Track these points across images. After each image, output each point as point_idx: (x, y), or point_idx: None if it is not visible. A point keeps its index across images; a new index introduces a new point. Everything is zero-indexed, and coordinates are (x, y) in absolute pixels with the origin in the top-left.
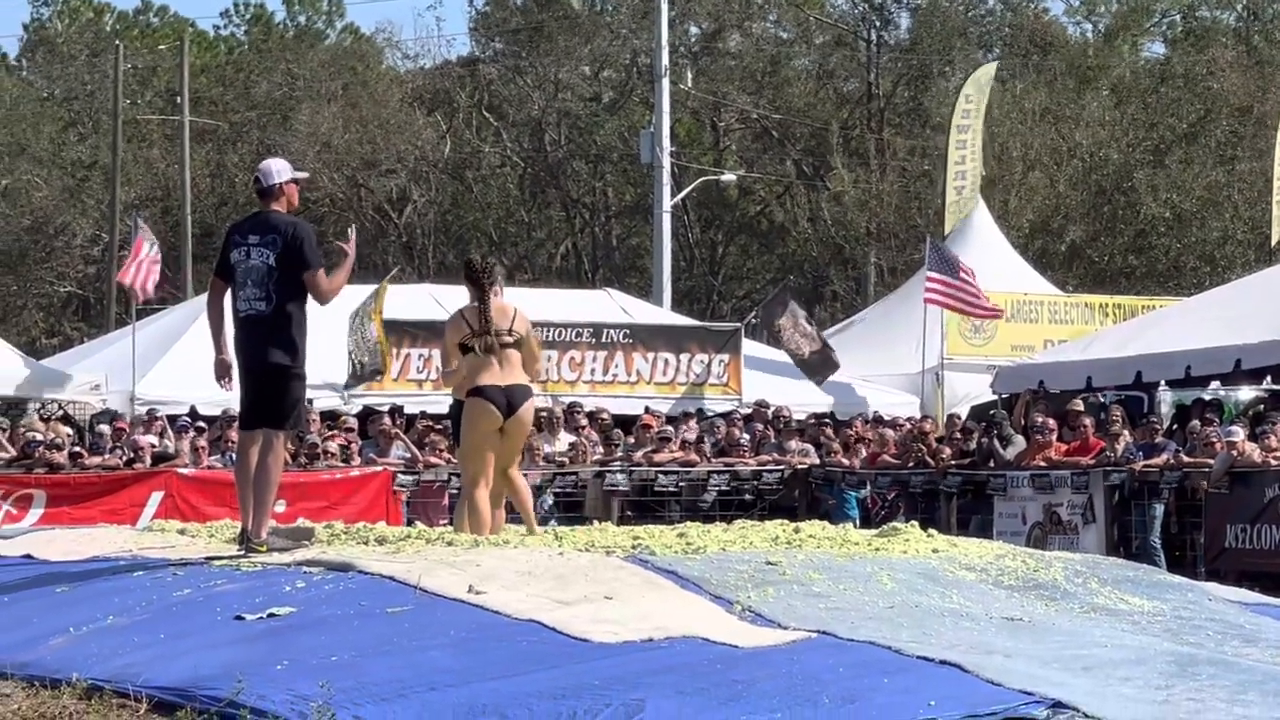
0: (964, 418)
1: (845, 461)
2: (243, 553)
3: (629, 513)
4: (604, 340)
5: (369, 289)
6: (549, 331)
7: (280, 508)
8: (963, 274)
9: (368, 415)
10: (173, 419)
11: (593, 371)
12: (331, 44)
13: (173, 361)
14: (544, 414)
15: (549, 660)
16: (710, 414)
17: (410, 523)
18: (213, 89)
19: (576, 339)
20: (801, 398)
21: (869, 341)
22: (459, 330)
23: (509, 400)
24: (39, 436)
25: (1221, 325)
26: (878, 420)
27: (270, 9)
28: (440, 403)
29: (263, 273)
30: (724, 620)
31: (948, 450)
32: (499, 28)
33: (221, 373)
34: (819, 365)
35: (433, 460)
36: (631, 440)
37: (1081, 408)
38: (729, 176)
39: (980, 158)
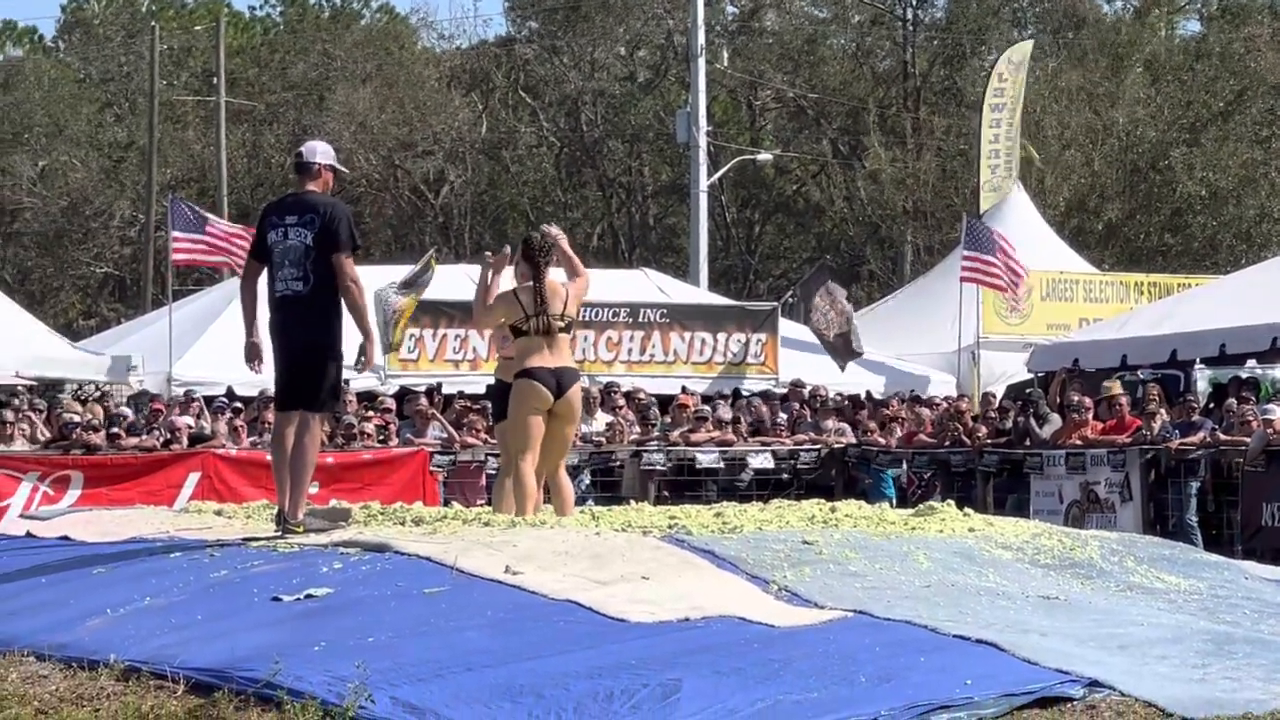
0: (999, 396)
1: (881, 441)
2: (279, 534)
3: (665, 493)
4: (641, 320)
5: (402, 269)
6: (586, 312)
7: (314, 489)
8: (1000, 251)
9: (404, 395)
10: (209, 400)
11: (629, 351)
12: (367, 24)
13: (209, 342)
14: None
15: (586, 640)
16: (747, 393)
17: (447, 503)
18: (248, 70)
19: (613, 319)
20: (838, 377)
21: (905, 320)
22: (512, 310)
23: (559, 382)
24: (76, 418)
25: (1258, 303)
26: (914, 399)
27: None
28: (477, 383)
29: (300, 253)
30: (760, 600)
31: (984, 429)
32: (535, 7)
33: (252, 355)
34: (841, 349)
35: (470, 440)
36: (668, 420)
37: (1116, 390)
38: (765, 156)
39: (1016, 137)
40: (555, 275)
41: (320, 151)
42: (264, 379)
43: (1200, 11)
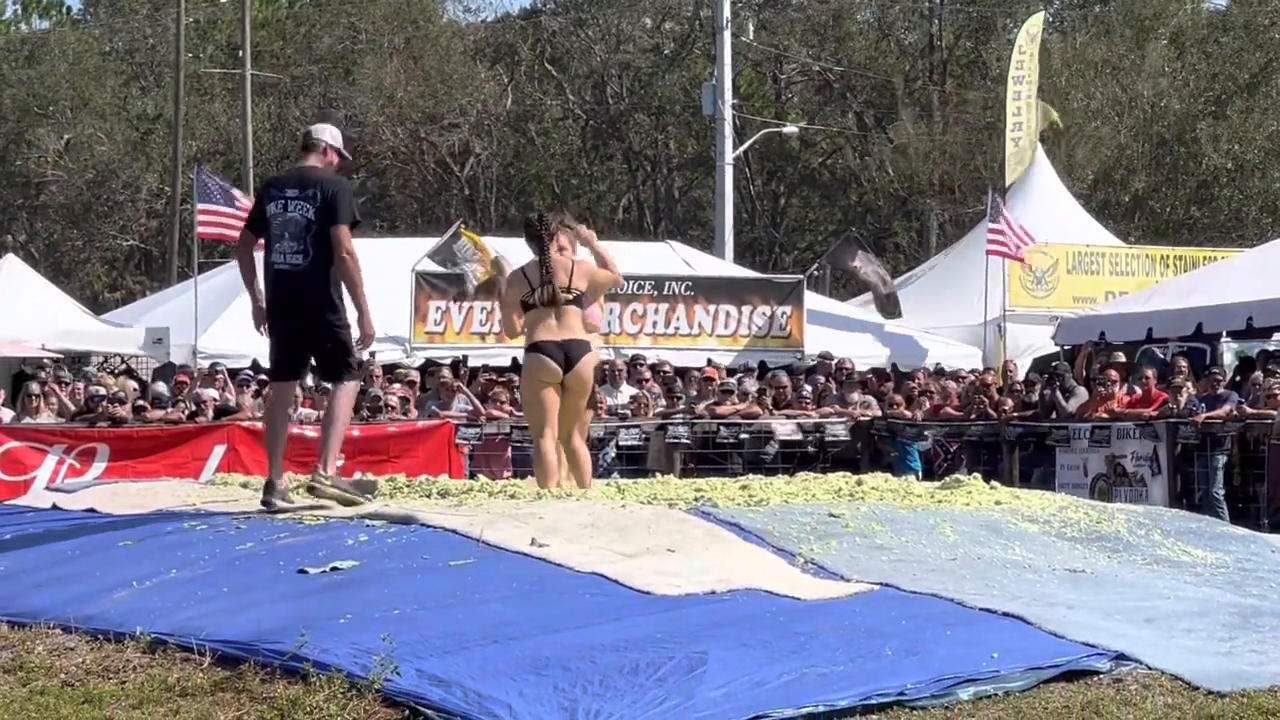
0: (1022, 368)
1: (907, 414)
2: (267, 504)
3: (691, 465)
4: (666, 293)
5: (429, 241)
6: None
7: (341, 461)
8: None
9: (429, 368)
10: (234, 373)
11: (654, 324)
12: None
13: (234, 315)
14: (606, 367)
15: (612, 613)
16: (772, 366)
17: (472, 476)
18: (274, 43)
19: (639, 291)
20: (863, 349)
21: (931, 293)
22: (520, 287)
23: (566, 355)
24: (102, 390)
25: None
26: (939, 372)
27: None
28: (503, 355)
29: (301, 226)
30: (786, 572)
31: (1010, 402)
32: None
33: (260, 319)
34: (890, 304)
35: (495, 413)
36: (694, 393)
37: (1123, 359)
38: (791, 129)
39: (1034, 108)
40: (582, 256)
41: (329, 133)
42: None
43: None
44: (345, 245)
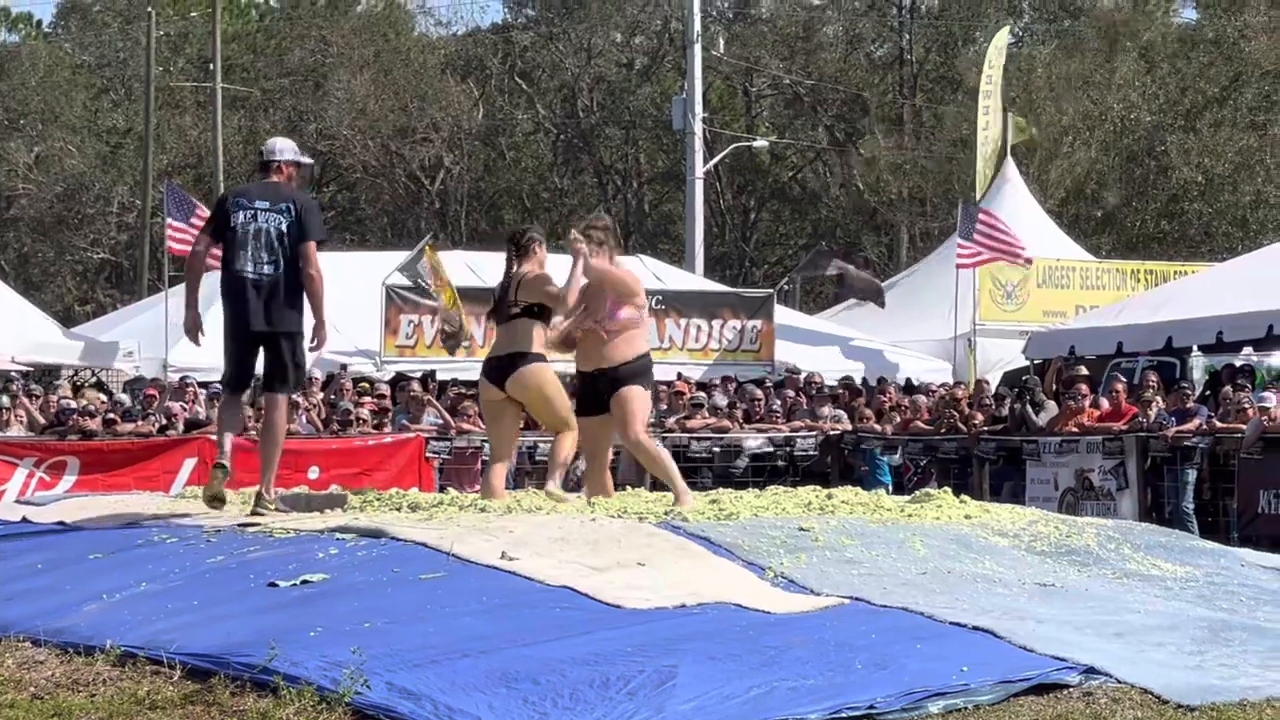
0: (994, 383)
1: (878, 428)
2: (253, 514)
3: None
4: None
5: (400, 255)
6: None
7: (313, 474)
8: (995, 227)
9: (400, 381)
10: (205, 385)
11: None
12: (363, 10)
13: (205, 329)
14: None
15: (582, 626)
16: (743, 380)
17: (443, 489)
18: (244, 56)
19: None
20: (833, 364)
21: (901, 308)
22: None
23: (497, 369)
24: (72, 403)
25: (1254, 290)
26: (909, 386)
27: None
28: (473, 369)
29: (274, 237)
30: (757, 586)
31: (980, 416)
32: None
33: (196, 328)
34: (877, 292)
35: (465, 427)
36: (664, 406)
37: (1085, 372)
38: (761, 143)
39: (1011, 123)
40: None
41: (280, 149)
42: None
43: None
44: (314, 262)
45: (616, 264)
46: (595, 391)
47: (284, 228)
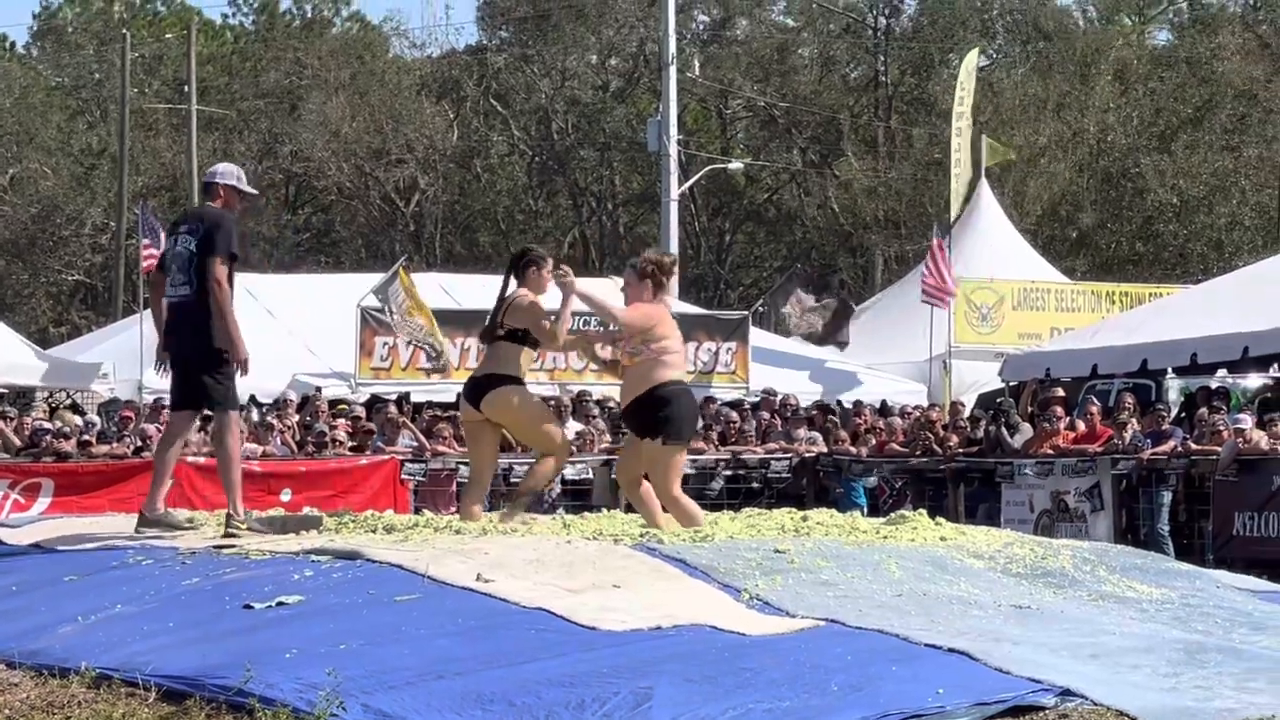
0: (969, 406)
1: (853, 450)
2: (225, 535)
3: None
4: (612, 328)
5: (375, 277)
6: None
7: (286, 496)
8: (933, 261)
9: (375, 404)
10: None
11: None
12: (339, 32)
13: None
14: (552, 402)
15: (557, 648)
16: (717, 402)
17: (418, 511)
18: (219, 78)
19: (584, 327)
20: (808, 386)
21: (876, 329)
22: None
23: (473, 389)
24: (47, 425)
25: (1229, 313)
26: (884, 409)
27: None
28: (448, 392)
29: (185, 259)
30: (732, 608)
31: (955, 438)
32: (506, 16)
33: (160, 359)
34: (832, 332)
35: (440, 449)
36: None
37: (1061, 393)
38: (736, 165)
39: (984, 144)
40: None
41: (221, 173)
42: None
43: (1171, 21)
44: (215, 274)
45: (659, 300)
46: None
47: (193, 248)
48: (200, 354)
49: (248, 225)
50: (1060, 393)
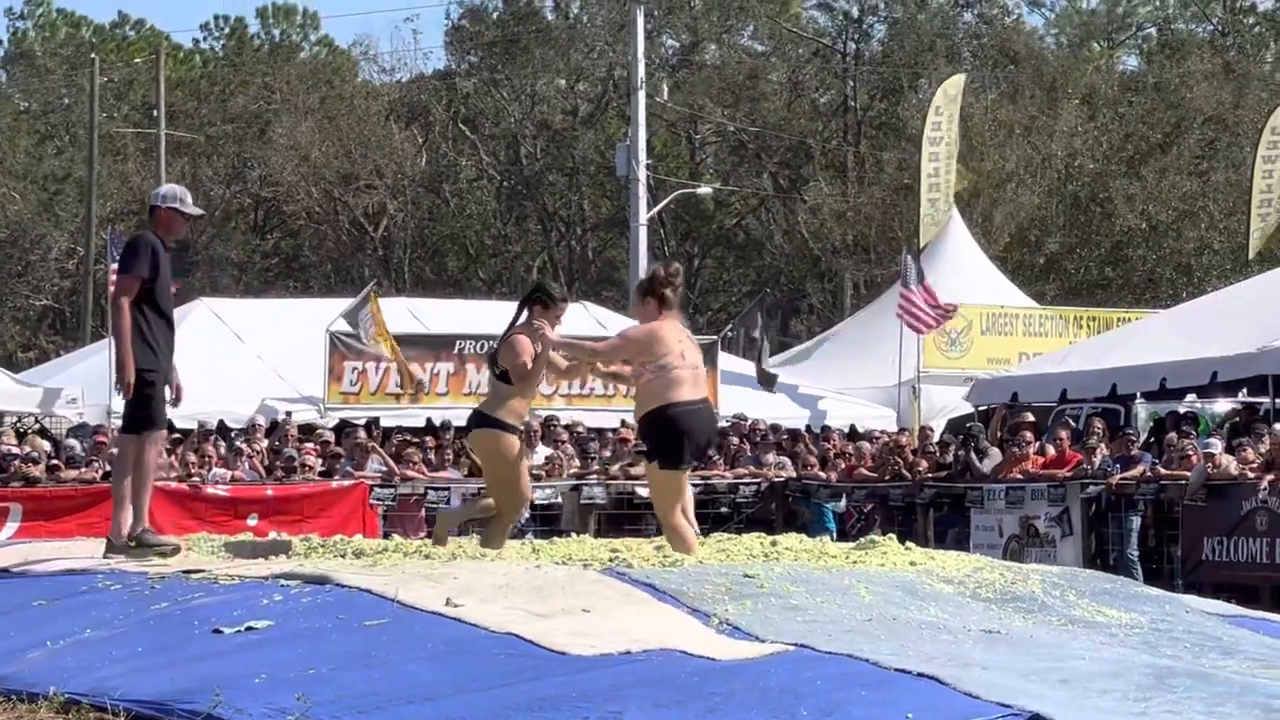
0: (938, 430)
1: (822, 475)
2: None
3: (606, 525)
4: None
5: (344, 302)
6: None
7: (253, 521)
8: (923, 290)
9: (343, 428)
10: None
11: (569, 385)
12: (307, 57)
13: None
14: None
15: (526, 673)
16: None
17: (387, 536)
18: (188, 103)
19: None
20: (777, 411)
21: (845, 354)
22: None
23: (468, 421)
24: (14, 450)
25: (1197, 338)
26: (854, 433)
27: (247, 23)
28: (417, 417)
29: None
30: (701, 633)
31: (924, 463)
32: (475, 41)
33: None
34: (767, 378)
35: (409, 474)
36: (608, 453)
37: (1032, 418)
38: (705, 190)
39: (952, 169)
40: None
41: (162, 195)
42: (201, 411)
43: (1140, 47)
44: (117, 291)
45: (665, 316)
46: None
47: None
48: (119, 378)
49: (215, 250)
50: (1030, 417)
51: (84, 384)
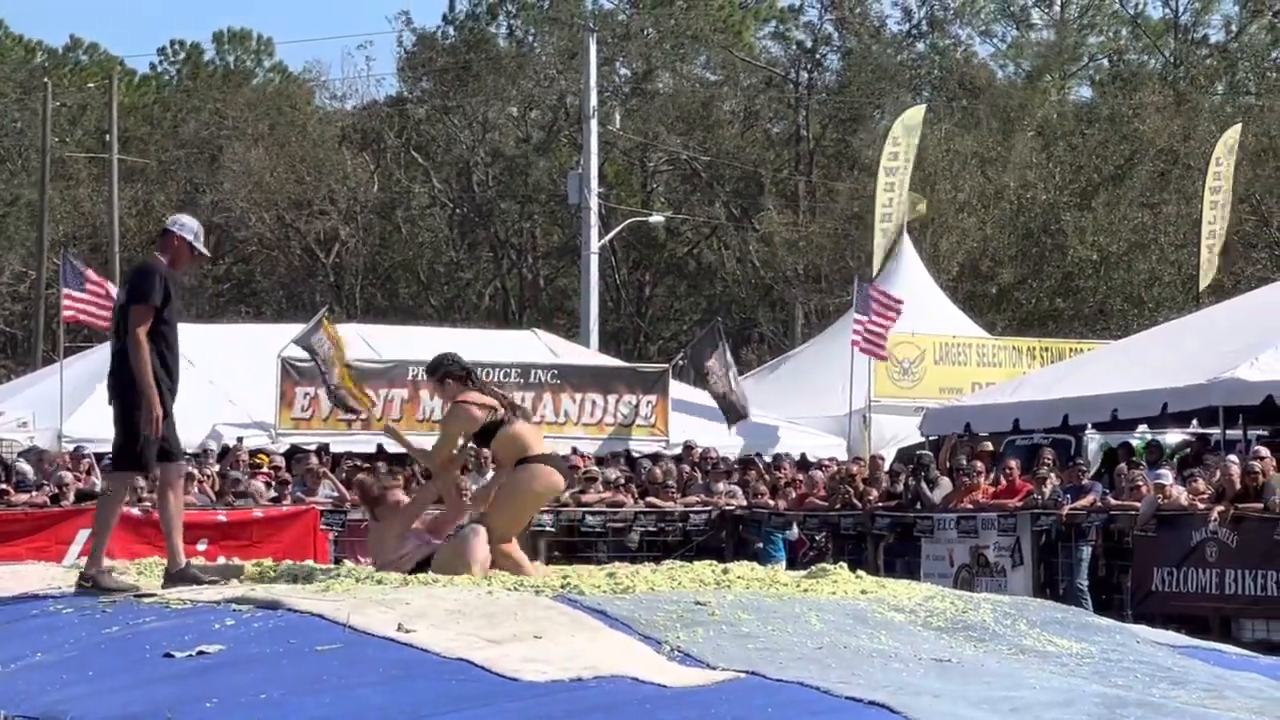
0: (889, 459)
1: (772, 503)
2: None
3: (556, 553)
4: (531, 381)
5: (296, 328)
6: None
7: (202, 545)
8: (874, 311)
9: (295, 454)
10: (100, 456)
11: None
12: (260, 83)
13: (100, 399)
14: (471, 452)
15: (478, 698)
16: (637, 455)
17: (338, 561)
18: (140, 128)
19: (504, 379)
20: (728, 439)
21: (796, 383)
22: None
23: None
24: None
25: (1149, 369)
26: (804, 462)
27: (202, 48)
28: (368, 443)
29: (118, 313)
30: (653, 660)
31: (875, 492)
32: (427, 68)
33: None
34: (731, 410)
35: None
36: None
37: (990, 447)
38: (657, 218)
39: (906, 200)
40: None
41: (181, 224)
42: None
43: (1091, 78)
44: (131, 325)
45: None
46: None
47: (123, 299)
48: (118, 409)
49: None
50: (989, 446)
51: (34, 408)
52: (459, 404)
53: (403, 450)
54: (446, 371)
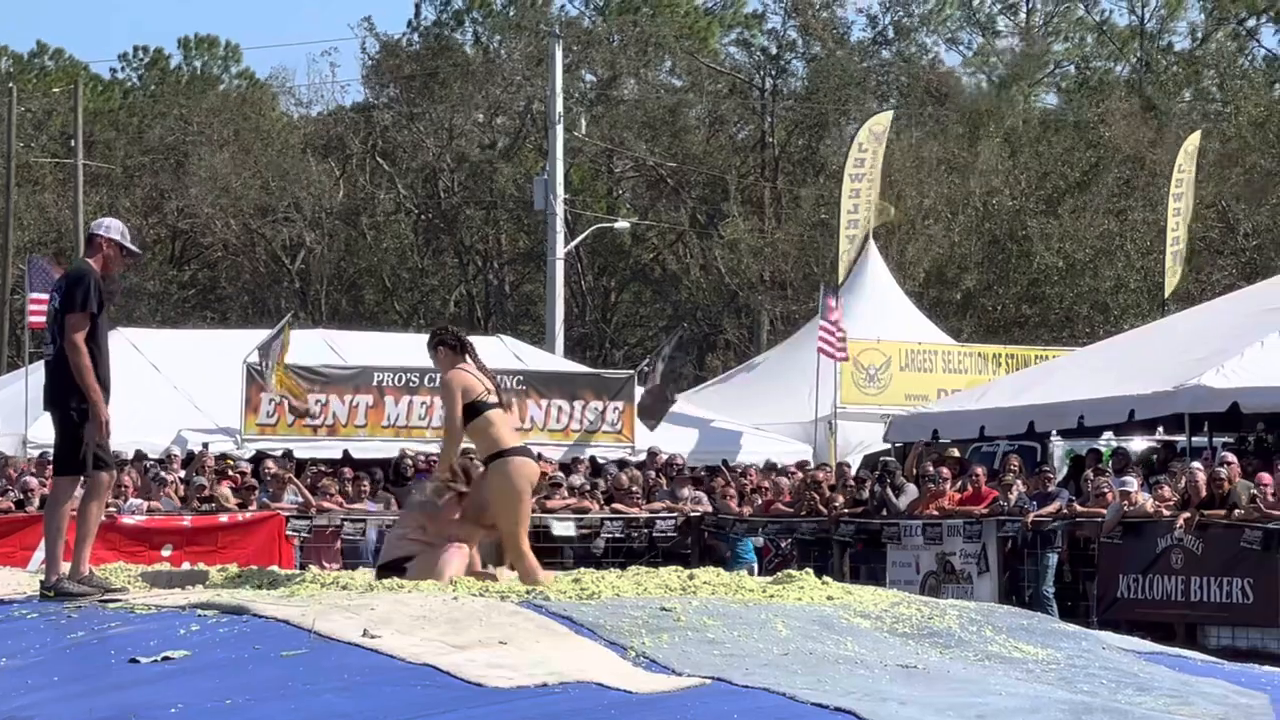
0: (855, 466)
1: (737, 509)
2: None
3: None
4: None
5: (261, 334)
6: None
7: (166, 551)
8: (827, 317)
9: (260, 459)
10: None
11: None
12: (225, 89)
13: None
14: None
15: (443, 704)
16: (603, 461)
17: (303, 567)
18: (106, 133)
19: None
20: (693, 445)
21: (762, 389)
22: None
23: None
24: None
25: (1115, 376)
26: (771, 468)
27: (168, 53)
28: (333, 449)
29: (51, 318)
30: (618, 666)
31: (841, 499)
32: (393, 74)
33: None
34: (651, 408)
35: (325, 505)
36: None
37: (957, 454)
38: (623, 224)
39: (872, 206)
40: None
41: (104, 226)
42: (119, 442)
43: (1058, 84)
44: (69, 332)
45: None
46: None
47: (57, 305)
48: (59, 415)
49: (132, 280)
50: (955, 453)
51: (0, 414)
52: (453, 373)
53: (363, 456)
54: (441, 340)
